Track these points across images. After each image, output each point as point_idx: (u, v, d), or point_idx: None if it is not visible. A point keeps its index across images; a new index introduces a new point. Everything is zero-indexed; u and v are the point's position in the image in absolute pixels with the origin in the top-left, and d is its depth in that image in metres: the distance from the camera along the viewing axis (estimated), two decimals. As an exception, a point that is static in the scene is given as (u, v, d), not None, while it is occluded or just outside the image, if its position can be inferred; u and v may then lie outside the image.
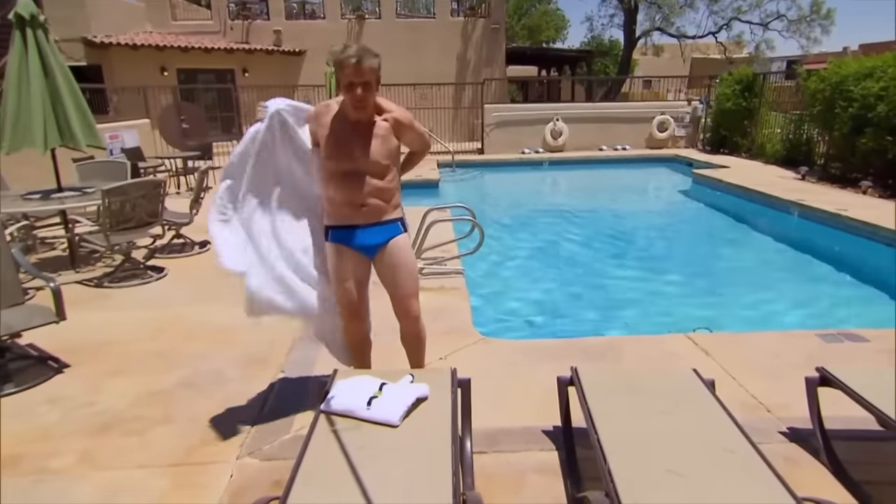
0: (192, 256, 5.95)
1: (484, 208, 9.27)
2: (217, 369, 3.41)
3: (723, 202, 9.45)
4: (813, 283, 5.85)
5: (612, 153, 14.73)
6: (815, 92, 9.97)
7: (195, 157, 10.28)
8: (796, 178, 9.88)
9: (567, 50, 27.52)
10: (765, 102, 12.70)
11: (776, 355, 3.50)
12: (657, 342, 3.80)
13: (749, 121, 13.05)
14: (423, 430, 2.02)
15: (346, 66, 2.37)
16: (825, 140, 10.41)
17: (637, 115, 15.22)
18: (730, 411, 2.21)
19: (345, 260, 2.68)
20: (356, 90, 2.42)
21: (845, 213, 7.04)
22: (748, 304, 5.25)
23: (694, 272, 6.35)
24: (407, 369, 2.81)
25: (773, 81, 13.07)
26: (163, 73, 15.54)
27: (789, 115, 11.85)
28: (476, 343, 3.73)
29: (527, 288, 5.84)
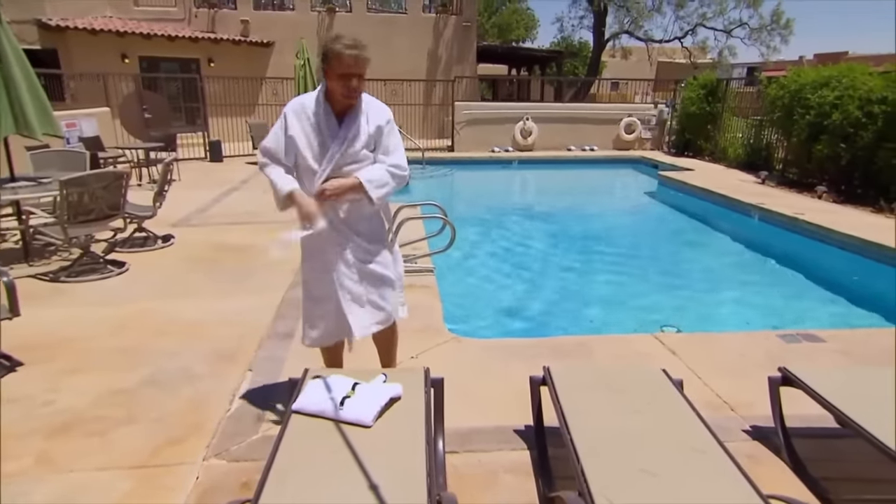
0: (155, 251, 5.80)
1: (455, 206, 9.28)
2: (183, 367, 3.33)
3: (687, 204, 9.67)
4: (772, 284, 6.04)
5: (580, 153, 14.91)
6: (775, 99, 10.28)
7: (158, 148, 10.02)
8: (757, 182, 10.18)
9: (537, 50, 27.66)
10: (727, 107, 13.04)
11: (740, 355, 3.60)
12: (626, 342, 3.87)
13: (712, 125, 13.38)
14: (397, 431, 2.01)
15: (346, 57, 2.35)
16: (784, 146, 10.75)
17: (605, 117, 15.45)
18: (698, 411, 2.26)
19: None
20: (352, 81, 2.40)
21: (802, 217, 7.28)
22: (712, 304, 5.38)
23: (660, 272, 6.47)
24: (380, 369, 2.79)
25: (735, 87, 13.43)
26: (124, 60, 15.06)
27: (750, 121, 12.20)
28: (447, 342, 3.73)
29: (498, 286, 5.87)
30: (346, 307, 2.62)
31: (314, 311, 2.70)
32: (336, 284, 2.60)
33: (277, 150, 2.53)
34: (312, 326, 2.71)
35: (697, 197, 9.68)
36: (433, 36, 18.29)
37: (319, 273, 2.63)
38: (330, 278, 2.60)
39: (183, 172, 10.22)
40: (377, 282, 2.69)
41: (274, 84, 15.13)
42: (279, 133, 2.53)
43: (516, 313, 5.21)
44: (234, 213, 7.60)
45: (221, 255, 5.63)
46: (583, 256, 7.07)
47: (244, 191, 9.21)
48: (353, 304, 2.64)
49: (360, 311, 2.65)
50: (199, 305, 4.31)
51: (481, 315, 5.11)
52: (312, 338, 2.73)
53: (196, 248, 5.84)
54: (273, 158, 2.55)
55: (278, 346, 3.62)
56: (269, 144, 2.55)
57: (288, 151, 2.53)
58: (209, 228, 6.74)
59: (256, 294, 4.55)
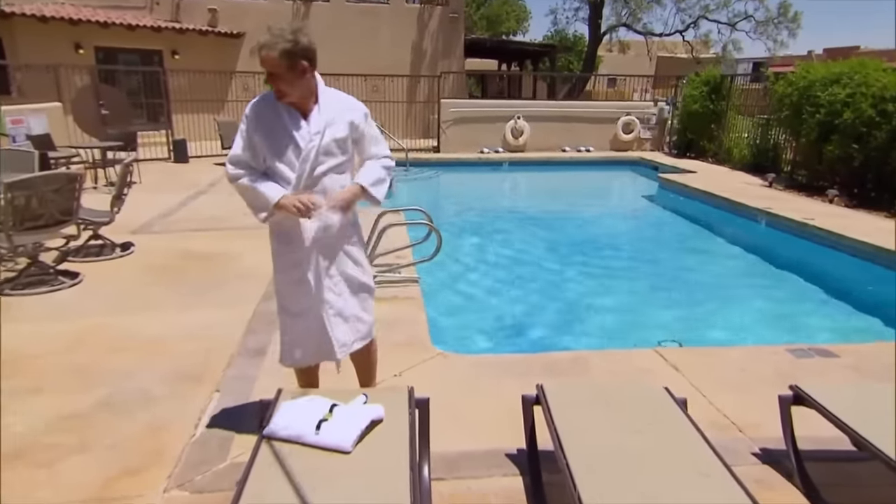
0: (112, 260, 5.73)
1: (441, 211, 9.29)
2: (142, 387, 3.28)
3: (689, 208, 9.77)
4: (781, 295, 6.10)
5: (575, 154, 15.03)
6: (783, 96, 10.44)
7: (116, 148, 9.92)
8: (763, 185, 10.31)
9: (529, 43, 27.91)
10: (732, 105, 13.22)
11: (746, 371, 3.62)
12: (625, 357, 3.88)
13: (716, 124, 13.56)
14: (379, 456, 1.99)
15: (260, 57, 2.37)
16: (792, 146, 10.92)
17: (602, 116, 15.59)
18: (703, 432, 2.27)
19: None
20: (275, 82, 2.41)
21: (812, 223, 7.38)
22: (717, 317, 5.43)
23: (661, 281, 6.52)
24: (359, 389, 2.77)
25: (741, 84, 13.62)
26: (78, 50, 14.89)
27: (756, 120, 12.39)
28: (433, 358, 3.72)
29: (487, 297, 5.88)
30: (329, 324, 2.59)
31: (295, 328, 2.65)
32: (317, 298, 2.58)
33: (244, 155, 2.52)
34: (294, 345, 2.67)
35: (700, 201, 9.78)
36: (417, 28, 18.35)
37: (296, 285, 2.59)
38: (309, 291, 2.57)
39: (144, 174, 10.11)
40: (359, 291, 2.68)
41: (244, 78, 15.08)
42: (244, 137, 2.51)
43: (507, 326, 5.21)
44: (201, 218, 7.54)
45: (186, 265, 5.57)
46: (578, 265, 7.10)
47: (212, 194, 9.15)
48: (337, 318, 2.62)
49: (343, 327, 2.64)
50: (160, 320, 4.26)
51: (470, 328, 5.10)
52: (295, 358, 2.69)
53: (158, 257, 5.78)
54: (245, 167, 2.53)
55: (249, 364, 3.58)
56: (237, 152, 2.53)
57: (256, 155, 2.52)
58: (173, 235, 6.67)
59: (225, 307, 4.50)
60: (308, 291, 2.57)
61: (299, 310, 2.62)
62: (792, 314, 5.52)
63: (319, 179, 2.51)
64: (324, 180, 2.52)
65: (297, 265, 2.57)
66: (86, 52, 15.04)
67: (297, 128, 2.48)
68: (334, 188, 2.54)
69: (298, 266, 2.57)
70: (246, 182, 2.51)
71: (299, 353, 2.68)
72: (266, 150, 2.50)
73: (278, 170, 2.50)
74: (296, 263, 2.57)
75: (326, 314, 2.59)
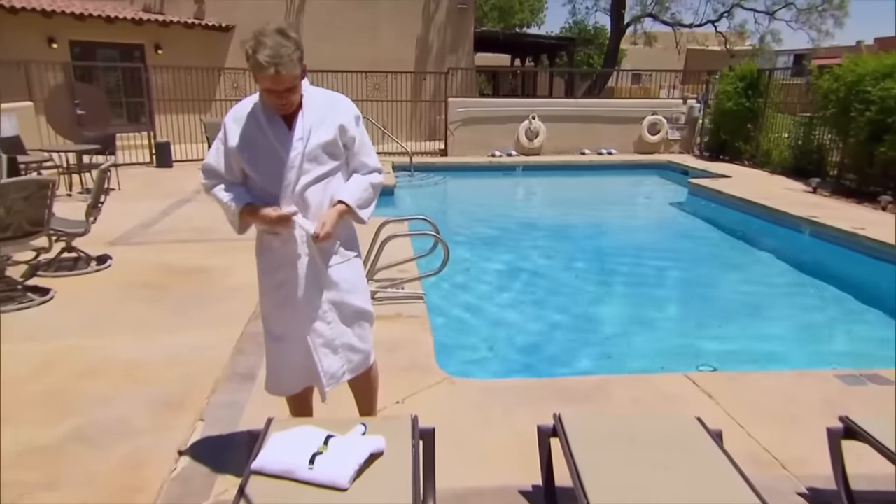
0: (87, 275, 5.76)
1: (448, 220, 9.31)
2: (119, 417, 3.28)
3: (723, 217, 9.74)
4: (829, 314, 6.06)
5: (595, 158, 15.03)
6: (828, 92, 10.43)
7: (93, 151, 10.01)
8: (807, 191, 10.28)
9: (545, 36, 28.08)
10: (771, 103, 13.22)
11: (790, 399, 3.59)
12: (652, 382, 3.85)
13: (753, 123, 13.55)
14: (379, 494, 1.98)
15: (265, 74, 2.27)
16: (839, 147, 10.88)
17: (625, 115, 15.61)
18: (741, 469, 2.24)
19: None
20: (281, 97, 2.36)
21: (863, 233, 7.34)
22: (756, 338, 5.39)
23: (692, 298, 6.49)
24: (358, 418, 2.76)
25: (780, 78, 13.61)
26: (51, 45, 15.07)
27: (798, 118, 12.36)
28: (440, 383, 3.71)
29: (499, 315, 5.87)
30: (316, 354, 2.58)
31: (277, 354, 2.66)
32: (303, 324, 2.56)
33: (219, 166, 2.53)
34: (276, 372, 2.68)
35: (736, 209, 9.75)
36: (423, 21, 18.48)
37: (280, 309, 2.59)
38: (294, 315, 2.56)
39: (123, 180, 10.20)
40: (355, 318, 2.66)
41: (234, 76, 15.18)
42: (219, 147, 2.52)
43: (521, 348, 5.20)
44: (186, 229, 7.58)
45: (169, 280, 5.59)
46: (599, 280, 7.08)
47: (198, 202, 9.20)
48: (325, 349, 2.60)
49: (332, 358, 2.62)
50: (140, 341, 4.27)
51: (480, 350, 5.09)
52: (280, 386, 2.70)
53: (138, 272, 5.80)
54: (217, 177, 2.55)
55: (237, 390, 3.58)
56: (210, 161, 2.54)
57: (232, 166, 2.51)
58: (154, 248, 6.71)
59: (211, 327, 4.51)
60: (293, 316, 2.56)
61: (283, 334, 2.61)
62: (841, 335, 5.48)
63: (307, 190, 2.48)
64: (312, 191, 2.49)
65: (281, 286, 2.56)
66: (60, 46, 15.21)
67: (280, 135, 2.45)
68: (324, 201, 2.52)
69: (283, 287, 2.55)
70: (215, 191, 2.54)
71: (284, 381, 2.68)
72: (245, 162, 2.48)
73: (260, 183, 2.49)
74: (280, 284, 2.56)
75: (313, 343, 2.57)
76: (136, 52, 16.25)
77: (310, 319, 2.56)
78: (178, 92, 14.21)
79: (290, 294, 2.54)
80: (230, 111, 2.54)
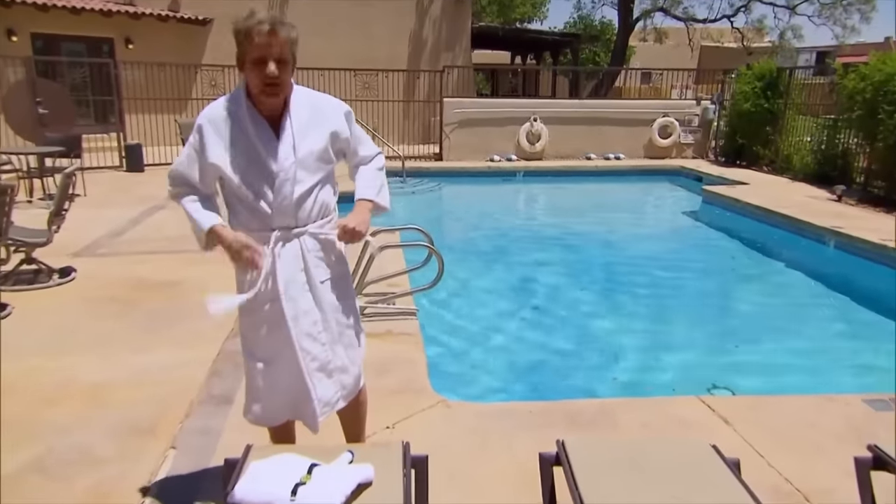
0: (48, 289, 5.74)
1: (443, 230, 9.33)
2: (82, 444, 3.26)
3: (740, 227, 9.78)
4: (855, 332, 6.07)
5: (602, 163, 15.10)
6: (854, 92, 10.52)
7: (56, 154, 10.00)
8: (831, 199, 10.32)
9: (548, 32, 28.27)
10: (791, 104, 13.31)
11: (813, 425, 3.59)
12: (663, 406, 3.86)
13: (772, 126, 13.64)
14: (367, 528, 1.97)
15: (256, 34, 2.26)
16: (866, 152, 10.95)
17: (634, 117, 15.72)
18: (760, 501, 2.24)
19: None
20: (269, 66, 2.29)
21: (892, 245, 7.38)
22: (776, 358, 5.40)
23: (707, 315, 6.50)
24: (345, 444, 2.76)
25: (802, 78, 13.71)
26: (10, 38, 15.07)
27: (822, 120, 12.45)
28: (433, 406, 3.71)
29: (498, 332, 5.87)
30: (309, 379, 2.51)
31: (262, 379, 2.59)
32: (295, 345, 2.49)
33: (190, 174, 2.47)
34: (256, 398, 2.62)
35: (754, 218, 9.80)
36: (416, 15, 18.60)
37: (267, 329, 2.53)
38: (281, 335, 2.50)
39: (90, 185, 10.19)
40: (346, 338, 2.66)
41: (212, 73, 15.25)
42: (192, 153, 2.46)
43: (522, 368, 5.21)
44: (158, 238, 7.57)
45: (139, 295, 5.58)
46: (606, 294, 7.10)
47: (172, 210, 9.18)
48: (320, 373, 2.55)
49: (326, 382, 2.57)
50: (106, 362, 4.25)
51: (477, 370, 5.09)
52: (256, 414, 2.64)
53: (104, 285, 5.79)
54: (187, 185, 2.50)
55: (212, 414, 3.57)
56: (179, 169, 2.49)
57: (206, 176, 2.47)
58: (123, 259, 6.70)
59: (185, 345, 4.50)
60: (280, 336, 2.51)
61: (267, 356, 2.55)
62: (869, 356, 5.49)
63: (301, 201, 2.46)
64: (306, 202, 2.48)
65: (265, 303, 2.50)
66: (20, 39, 15.22)
67: (267, 140, 2.42)
68: (314, 211, 2.51)
69: (270, 305, 2.49)
70: (183, 203, 2.52)
71: (269, 410, 2.62)
72: (228, 171, 2.42)
73: (246, 195, 2.43)
74: (264, 301, 2.50)
75: (306, 367, 2.50)
76: (105, 47, 16.27)
77: (301, 340, 2.50)
78: (151, 90, 14.23)
79: (279, 313, 2.48)
80: (204, 112, 2.47)
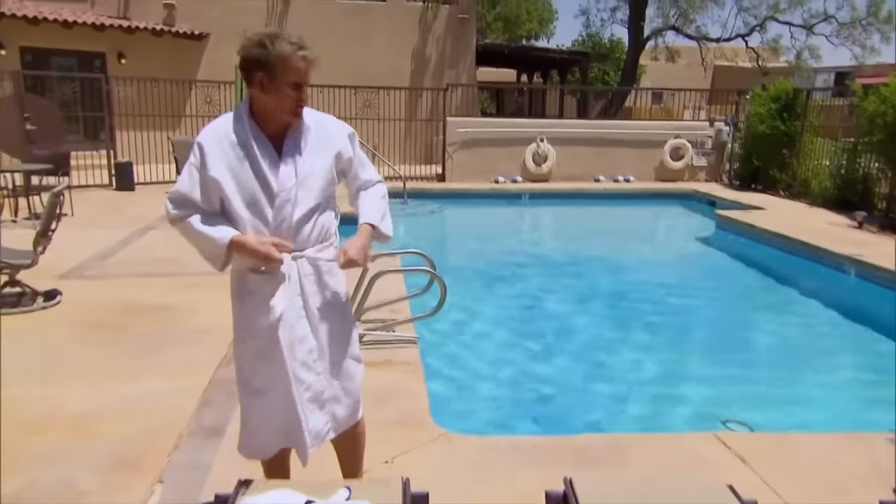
0: (33, 312, 5.73)
1: (445, 255, 9.34)
2: (65, 478, 3.24)
3: (756, 254, 9.79)
4: (878, 365, 6.04)
5: (611, 186, 15.17)
6: (875, 115, 10.57)
7: (44, 172, 10.05)
8: (851, 226, 10.35)
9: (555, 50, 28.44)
10: (809, 126, 13.37)
11: (835, 465, 3.57)
12: (677, 442, 3.85)
13: (789, 149, 13.70)
14: (365, 570, 1.96)
15: (296, 61, 2.36)
16: (888, 177, 10.98)
17: (644, 138, 15.82)
18: (780, 542, 2.23)
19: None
20: (304, 91, 2.44)
21: (916, 275, 7.37)
22: (795, 392, 5.38)
23: (722, 346, 6.48)
24: (341, 480, 2.74)
25: (820, 99, 13.78)
26: (-1, 52, 15.26)
27: (841, 144, 12.48)
28: (435, 440, 3.70)
29: (502, 362, 5.87)
30: (301, 410, 2.52)
31: (254, 409, 2.61)
32: (289, 375, 2.50)
33: (193, 193, 2.47)
34: (253, 431, 2.63)
35: (770, 245, 9.81)
36: (419, 31, 18.78)
37: (260, 358, 2.54)
38: (276, 365, 2.51)
39: (78, 205, 10.23)
40: (343, 367, 2.66)
41: (207, 89, 15.34)
42: (193, 173, 2.47)
43: (527, 400, 5.19)
44: (149, 260, 7.58)
45: (128, 320, 5.57)
46: (616, 323, 7.08)
47: (163, 230, 9.21)
48: (312, 403, 2.56)
49: (317, 414, 2.58)
50: (92, 390, 4.24)
51: (481, 402, 5.07)
52: (252, 447, 2.65)
53: (92, 310, 5.79)
54: (190, 207, 2.49)
55: (202, 447, 3.56)
56: (181, 189, 2.48)
57: (209, 192, 2.47)
58: (112, 282, 6.70)
59: (175, 373, 4.49)
60: (275, 366, 2.51)
61: (262, 386, 2.56)
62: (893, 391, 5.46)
63: (302, 223, 2.49)
64: (307, 225, 2.51)
65: (263, 332, 2.50)
66: (9, 53, 15.36)
67: (270, 160, 2.45)
68: (314, 234, 2.54)
69: (266, 333, 2.50)
70: (191, 223, 2.48)
71: (262, 441, 2.63)
72: (229, 191, 2.44)
73: (244, 216, 2.45)
74: (262, 330, 2.50)
75: (299, 398, 2.52)
76: (97, 61, 16.42)
77: (296, 370, 2.51)
78: (143, 106, 14.31)
79: (275, 341, 2.49)
80: (205, 131, 2.50)
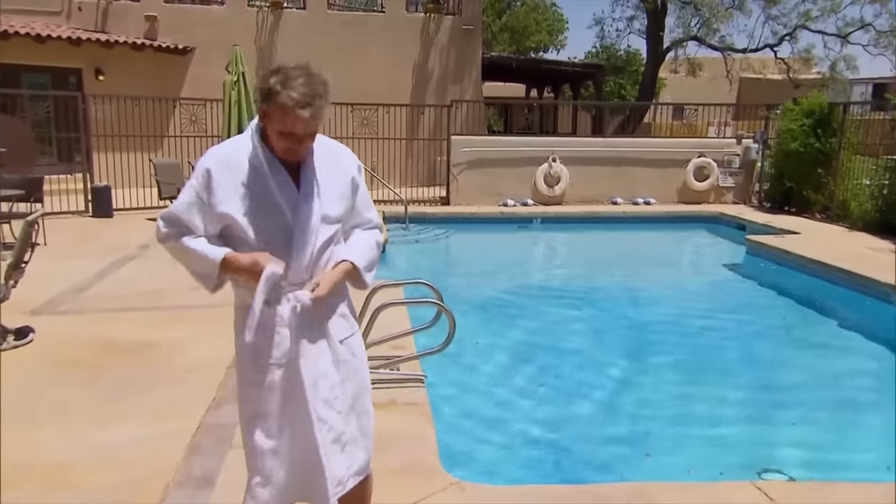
0: (3, 352, 5.72)
1: (452, 284, 9.32)
2: (41, 533, 3.23)
3: (791, 283, 9.79)
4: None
5: (630, 209, 15.22)
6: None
7: (15, 199, 10.09)
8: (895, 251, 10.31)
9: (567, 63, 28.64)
10: (847, 143, 13.40)
11: (885, 515, 3.54)
12: (709, 492, 3.82)
13: (825, 168, 13.72)
14: None
15: (293, 117, 2.29)
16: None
17: (666, 157, 15.89)
18: None
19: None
20: (303, 142, 2.40)
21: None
22: (838, 436, 5.36)
23: (756, 385, 6.43)
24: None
25: (858, 113, 13.81)
26: (-35, 68, 15.38)
27: (882, 162, 12.46)
28: (446, 489, 3.67)
29: (518, 403, 5.86)
30: (324, 453, 2.46)
31: (268, 457, 2.49)
32: (312, 414, 2.45)
33: (190, 221, 2.46)
34: (263, 481, 2.51)
35: (807, 273, 9.80)
36: (421, 44, 18.96)
37: (271, 397, 2.48)
38: (297, 403, 2.47)
39: (52, 233, 10.24)
40: (360, 403, 2.66)
41: (193, 107, 15.43)
42: (195, 199, 2.46)
43: (545, 444, 5.16)
44: (129, 293, 7.60)
45: (107, 358, 5.57)
46: (638, 358, 7.05)
47: (145, 259, 9.24)
48: (335, 445, 2.52)
49: (339, 457, 2.54)
50: (69, 437, 4.23)
51: (495, 448, 5.05)
52: (263, 500, 2.52)
53: (67, 348, 5.78)
54: (183, 229, 2.49)
55: (192, 498, 3.52)
56: (177, 213, 2.48)
57: (210, 225, 2.48)
58: (89, 318, 6.71)
59: (160, 417, 4.47)
60: (293, 404, 2.48)
61: (278, 428, 2.50)
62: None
63: (319, 258, 2.50)
64: (324, 256, 2.52)
65: (273, 369, 2.47)
66: (-24, 70, 15.47)
67: (287, 190, 2.45)
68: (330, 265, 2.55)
69: (281, 370, 2.47)
70: (183, 241, 2.47)
71: (275, 494, 2.52)
72: (241, 222, 2.43)
73: (258, 248, 2.44)
74: (272, 367, 2.47)
75: (322, 439, 2.47)
76: (72, 78, 16.57)
77: (318, 408, 2.48)
78: (123, 126, 14.36)
79: (294, 377, 2.47)
80: (212, 153, 2.50)
